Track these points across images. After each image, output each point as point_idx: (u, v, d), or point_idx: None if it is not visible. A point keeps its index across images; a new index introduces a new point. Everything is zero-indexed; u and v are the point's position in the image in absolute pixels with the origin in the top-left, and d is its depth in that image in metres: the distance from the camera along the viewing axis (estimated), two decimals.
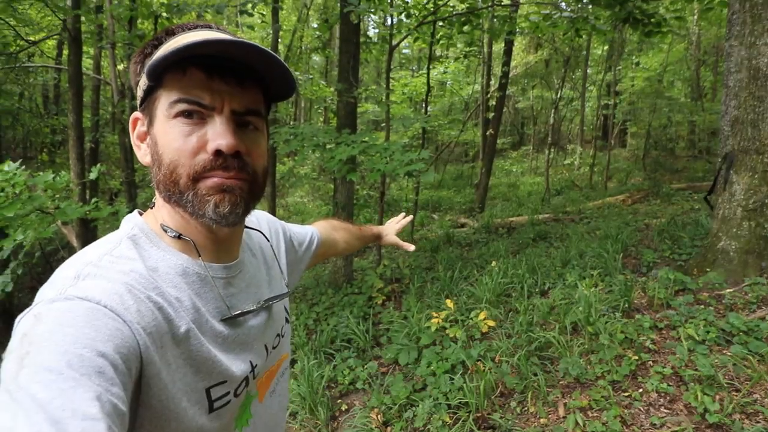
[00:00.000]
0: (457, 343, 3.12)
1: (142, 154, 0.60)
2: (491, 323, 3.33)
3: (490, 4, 7.42)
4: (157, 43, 0.58)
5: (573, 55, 13.36)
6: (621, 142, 17.19)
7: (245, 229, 0.72)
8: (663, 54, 12.91)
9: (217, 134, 0.54)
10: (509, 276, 4.12)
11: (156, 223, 0.59)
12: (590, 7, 6.62)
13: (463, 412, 2.45)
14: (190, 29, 0.58)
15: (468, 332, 3.27)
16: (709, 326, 2.78)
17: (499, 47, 12.83)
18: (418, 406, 2.57)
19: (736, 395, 2.20)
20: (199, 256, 0.59)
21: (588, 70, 15.00)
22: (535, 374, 2.63)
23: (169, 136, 0.54)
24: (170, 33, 0.58)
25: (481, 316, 3.38)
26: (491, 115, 10.72)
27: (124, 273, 0.51)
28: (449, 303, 3.63)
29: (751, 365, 2.37)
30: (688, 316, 2.96)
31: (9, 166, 1.93)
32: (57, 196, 2.42)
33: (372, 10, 5.56)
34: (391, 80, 12.68)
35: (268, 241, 0.78)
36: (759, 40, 3.63)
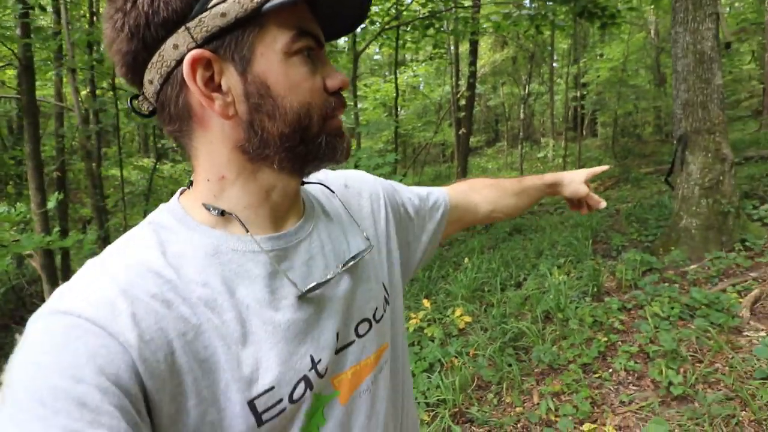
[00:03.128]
0: (434, 341, 3.15)
1: (222, 105, 0.46)
2: (467, 319, 3.37)
3: (451, 6, 7.54)
4: None
5: (538, 51, 13.65)
6: (592, 132, 17.56)
7: (307, 186, 0.62)
8: (624, 44, 13.26)
9: (333, 72, 0.50)
10: (483, 271, 4.18)
11: (195, 202, 0.50)
12: (548, 3, 6.78)
13: (442, 408, 2.48)
14: None
15: (445, 330, 3.31)
16: (673, 302, 2.87)
17: (465, 47, 13.02)
18: None
19: (699, 366, 2.28)
20: (247, 231, 0.49)
21: (555, 64, 15.32)
22: (510, 365, 2.68)
23: (295, 76, 0.46)
24: None
25: (457, 312, 3.43)
26: (462, 114, 10.87)
27: (126, 269, 0.43)
28: (426, 303, 3.67)
29: (712, 336, 2.46)
30: (654, 295, 3.05)
31: None
32: (14, 228, 2.38)
33: None
34: (363, 87, 12.77)
35: (333, 191, 0.64)
36: (701, 25, 3.78)
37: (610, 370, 2.46)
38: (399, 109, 14.69)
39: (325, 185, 0.63)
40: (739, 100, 14.26)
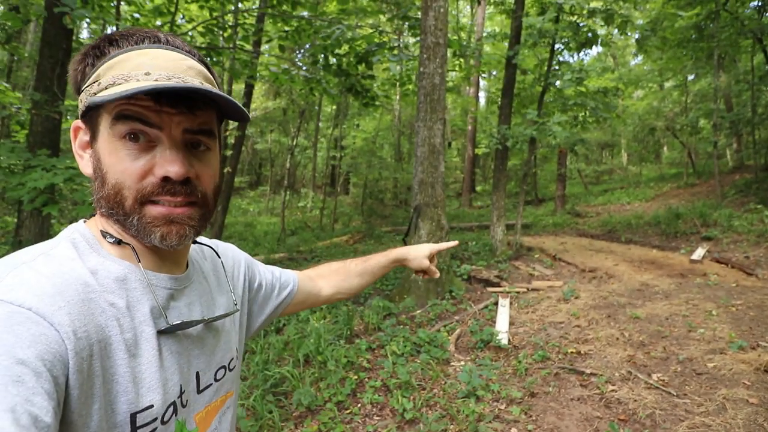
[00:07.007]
0: None
1: (84, 164, 0.57)
2: None
3: (231, 45, 7.55)
4: (99, 53, 0.55)
5: (308, 109, 14.83)
6: (345, 190, 19.80)
7: (196, 244, 0.71)
8: (376, 121, 15.84)
9: (166, 160, 0.52)
10: None
11: (97, 230, 0.57)
12: (323, 72, 7.60)
13: None
14: (135, 43, 0.55)
15: None
16: (406, 341, 3.48)
17: (239, 87, 13.04)
18: None
19: (423, 392, 2.83)
20: (139, 261, 0.56)
21: (320, 124, 16.90)
22: (271, 411, 2.68)
23: (115, 157, 0.52)
24: (113, 43, 0.55)
25: None
26: (230, 152, 10.65)
27: (58, 273, 0.48)
28: None
29: (432, 367, 3.10)
30: (392, 336, 3.63)
31: None
32: None
33: (89, 17, 4.82)
34: None
35: (219, 257, 0.74)
36: (435, 125, 4.95)
37: (359, 405, 2.77)
38: None
39: (214, 249, 0.74)
40: (448, 183, 18.77)
